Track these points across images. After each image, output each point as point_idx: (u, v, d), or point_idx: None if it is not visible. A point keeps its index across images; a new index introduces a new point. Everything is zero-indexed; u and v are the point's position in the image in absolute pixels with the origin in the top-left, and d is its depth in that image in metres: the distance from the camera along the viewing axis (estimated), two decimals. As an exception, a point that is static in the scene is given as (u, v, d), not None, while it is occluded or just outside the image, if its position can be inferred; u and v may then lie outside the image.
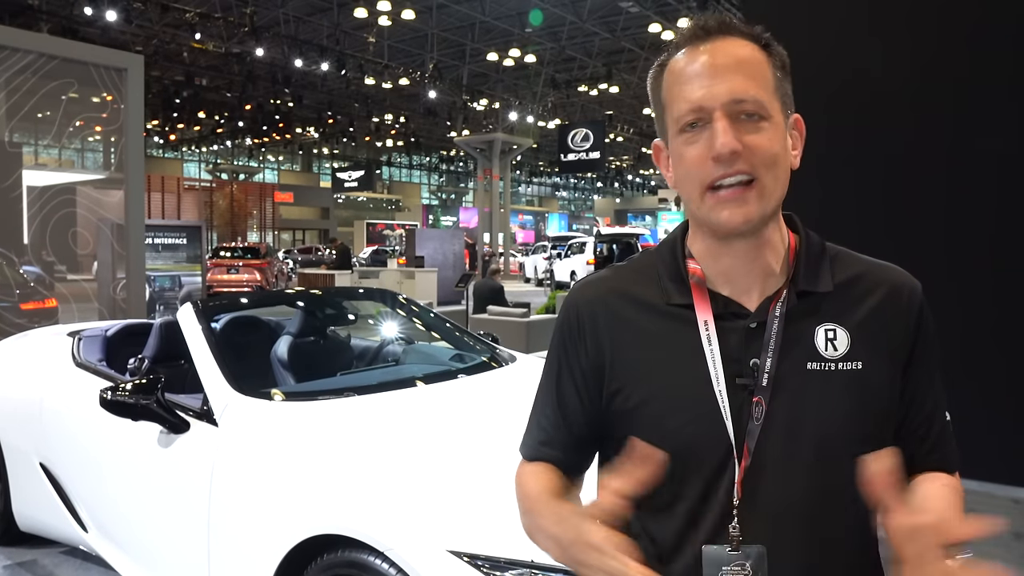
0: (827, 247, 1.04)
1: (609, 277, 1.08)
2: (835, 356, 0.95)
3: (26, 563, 3.59)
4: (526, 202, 61.62)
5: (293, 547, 2.10)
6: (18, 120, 6.86)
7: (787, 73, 0.98)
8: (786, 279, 0.99)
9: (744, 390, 0.95)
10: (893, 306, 1.00)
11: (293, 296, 4.28)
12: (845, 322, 0.97)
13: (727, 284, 1.00)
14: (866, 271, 1.02)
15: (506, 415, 2.43)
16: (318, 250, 30.61)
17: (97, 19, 18.09)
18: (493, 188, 28.10)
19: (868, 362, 0.96)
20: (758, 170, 0.92)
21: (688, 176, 0.95)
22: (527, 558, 1.82)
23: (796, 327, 0.97)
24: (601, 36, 23.94)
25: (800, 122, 1.01)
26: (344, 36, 23.09)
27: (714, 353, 0.96)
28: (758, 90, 0.92)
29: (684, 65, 0.95)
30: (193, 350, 2.84)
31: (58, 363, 3.56)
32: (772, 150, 0.93)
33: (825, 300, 0.98)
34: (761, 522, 0.92)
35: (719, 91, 0.91)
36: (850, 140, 4.69)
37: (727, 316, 0.98)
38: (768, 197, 0.94)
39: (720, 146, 0.90)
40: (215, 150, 44.79)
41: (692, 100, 0.92)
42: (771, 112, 0.93)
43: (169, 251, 12.16)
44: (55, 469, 3.35)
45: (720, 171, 0.91)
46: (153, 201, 25.30)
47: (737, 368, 0.95)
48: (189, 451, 2.57)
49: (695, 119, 0.93)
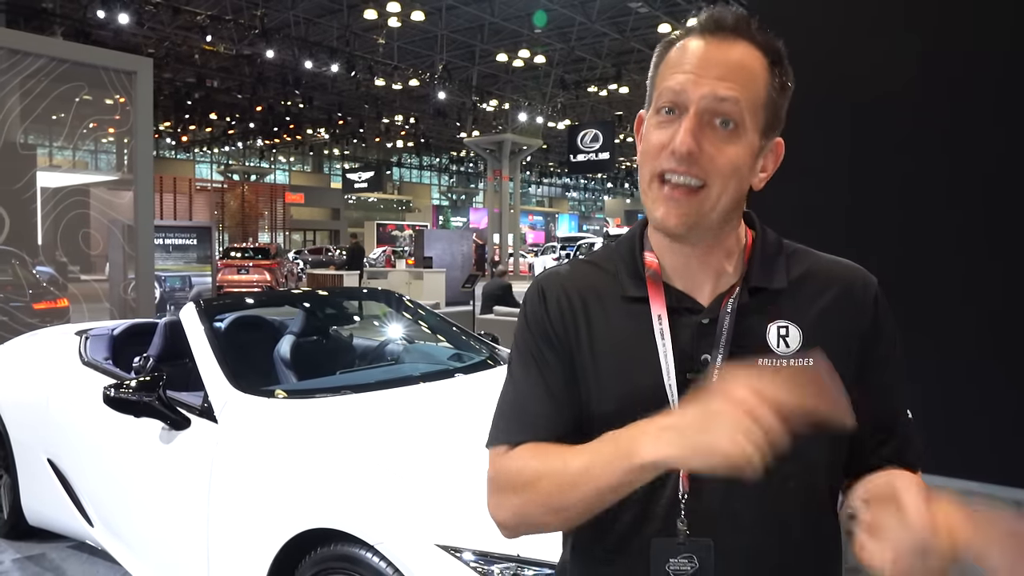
0: (784, 244, 1.04)
1: (571, 269, 1.08)
2: (787, 352, 0.95)
3: (34, 556, 3.67)
4: (536, 203, 61.62)
5: (288, 541, 2.16)
6: (32, 122, 6.97)
7: (786, 94, 0.96)
8: (739, 277, 0.99)
9: (694, 384, 0.94)
10: (847, 302, 0.99)
11: (296, 296, 4.33)
12: (798, 319, 0.97)
13: (681, 278, 1.00)
14: (821, 267, 1.02)
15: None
16: (328, 251, 30.75)
17: (110, 22, 18.26)
18: (503, 189, 28.13)
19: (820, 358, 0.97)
20: (711, 178, 0.91)
21: (646, 157, 0.95)
22: (514, 552, 1.87)
23: (748, 323, 0.97)
24: (611, 36, 23.93)
25: (780, 147, 1.00)
26: (354, 38, 23.19)
27: (666, 347, 0.96)
28: (742, 99, 0.91)
29: (686, 51, 0.94)
30: (195, 349, 2.90)
31: (65, 361, 3.64)
32: (732, 164, 0.91)
33: (779, 297, 0.98)
34: (708, 515, 0.93)
35: (703, 85, 0.90)
36: (858, 140, 4.67)
37: (680, 311, 0.98)
38: (711, 208, 0.93)
39: (679, 143, 0.90)
40: (226, 151, 45.08)
41: (674, 86, 0.92)
42: (747, 126, 0.92)
43: (180, 252, 12.26)
44: (62, 465, 3.42)
45: (672, 165, 0.91)
46: (165, 202, 25.45)
47: (688, 363, 0.96)
48: (189, 447, 2.63)
49: (672, 103, 0.92)
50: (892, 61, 4.47)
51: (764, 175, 0.99)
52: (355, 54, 22.34)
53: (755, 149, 0.94)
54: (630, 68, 26.07)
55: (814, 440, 0.84)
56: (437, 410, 2.76)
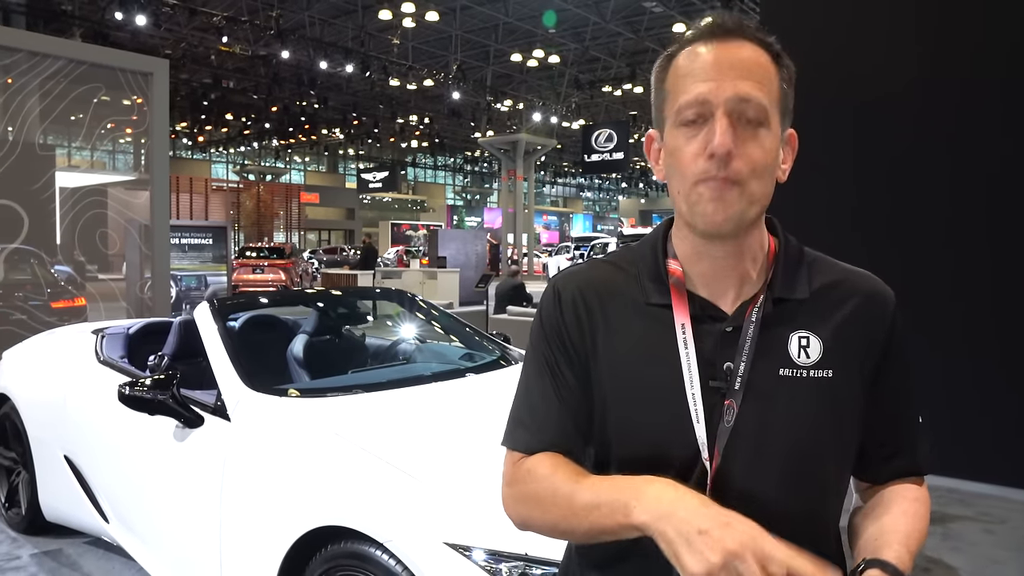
0: (805, 253, 1.05)
1: (588, 269, 1.08)
2: (807, 363, 0.97)
3: (51, 552, 3.72)
4: (551, 203, 61.60)
5: (299, 538, 2.18)
6: (51, 123, 7.06)
7: (792, 87, 0.98)
8: (763, 284, 1.00)
9: (717, 392, 0.96)
10: (867, 315, 1.01)
11: (309, 296, 4.36)
12: (819, 330, 0.99)
13: (705, 286, 1.01)
14: (842, 279, 1.03)
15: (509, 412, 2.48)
16: (343, 250, 30.88)
17: (127, 23, 18.45)
18: (517, 189, 28.15)
19: (838, 370, 0.98)
20: (750, 175, 0.93)
21: (679, 170, 0.95)
22: (522, 551, 1.88)
23: (770, 333, 0.98)
24: (625, 36, 23.90)
25: (794, 138, 1.01)
26: (369, 38, 23.29)
27: (689, 356, 0.97)
28: (763, 96, 0.92)
29: (694, 59, 0.94)
30: (208, 347, 2.93)
31: (82, 360, 3.69)
32: (765, 160, 0.93)
33: (801, 307, 1.00)
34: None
35: (726, 88, 0.91)
36: (869, 140, 4.67)
37: (704, 319, 0.99)
38: (752, 202, 0.94)
39: (718, 145, 0.90)
40: (242, 151, 45.38)
41: (697, 93, 0.92)
42: (771, 121, 0.94)
43: (195, 251, 12.37)
44: (78, 461, 3.47)
45: (712, 167, 0.92)
46: (181, 202, 25.66)
47: (711, 371, 0.97)
48: (203, 445, 2.66)
49: (697, 114, 0.93)
50: (896, 64, 4.44)
51: (785, 167, 1.00)
52: (370, 54, 22.43)
53: (778, 143, 0.97)
54: (645, 68, 25.98)
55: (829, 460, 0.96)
56: (448, 409, 2.78)
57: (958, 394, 4.43)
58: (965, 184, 4.26)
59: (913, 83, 4.33)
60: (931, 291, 4.40)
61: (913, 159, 4.40)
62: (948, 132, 4.27)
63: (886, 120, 4.45)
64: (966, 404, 4.44)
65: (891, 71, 4.43)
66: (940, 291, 4.44)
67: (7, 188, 6.64)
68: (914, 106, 4.37)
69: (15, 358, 4.19)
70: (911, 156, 4.43)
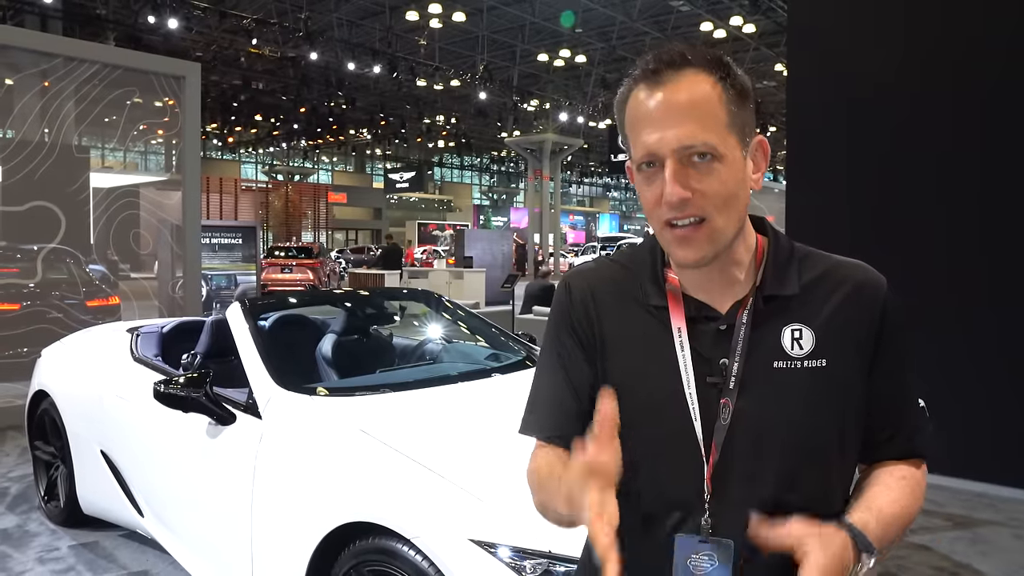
0: (796, 249, 1.08)
1: (597, 267, 1.14)
2: (801, 354, 1.00)
3: (89, 544, 3.82)
4: (577, 202, 61.47)
5: (328, 533, 2.23)
6: (86, 126, 7.22)
7: (745, 101, 0.99)
8: (753, 285, 1.04)
9: (714, 388, 1.00)
10: (858, 302, 1.03)
11: (337, 296, 4.42)
12: (811, 321, 1.01)
13: (701, 290, 1.05)
14: (831, 269, 1.06)
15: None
16: (370, 250, 31.11)
17: (160, 27, 18.77)
18: (543, 188, 28.15)
19: (833, 358, 1.00)
20: (708, 212, 0.96)
21: (647, 209, 1.00)
22: (545, 548, 1.91)
23: (763, 329, 1.01)
24: (652, 36, 23.78)
25: (764, 144, 1.03)
26: (396, 39, 23.44)
27: (686, 358, 1.02)
28: (708, 134, 0.94)
29: (638, 106, 0.98)
30: (240, 347, 3.00)
31: (117, 358, 3.78)
32: (723, 192, 0.96)
33: (792, 301, 1.03)
34: (731, 515, 0.98)
35: (669, 138, 0.94)
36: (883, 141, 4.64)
37: (699, 319, 1.04)
38: (719, 236, 0.98)
39: (668, 195, 0.94)
40: (271, 152, 45.86)
41: (646, 145, 0.96)
42: (724, 151, 0.95)
43: (225, 251, 12.52)
44: (114, 456, 3.56)
45: (672, 214, 0.96)
46: (211, 202, 26.06)
47: (707, 367, 1.01)
48: (235, 442, 2.72)
49: (649, 163, 0.97)
50: (925, 61, 4.39)
51: (757, 176, 1.03)
52: (397, 55, 22.57)
53: (740, 162, 0.98)
54: (671, 67, 25.82)
55: (828, 447, 0.99)
56: (474, 409, 2.82)
57: (990, 398, 4.38)
58: (964, 183, 4.20)
59: (949, 79, 4.28)
60: (938, 290, 4.34)
61: (909, 159, 4.36)
62: (979, 133, 4.22)
63: (927, 118, 4.39)
64: (998, 408, 4.39)
65: (929, 67, 4.38)
66: (944, 290, 4.38)
67: (46, 190, 6.81)
68: (949, 105, 4.32)
69: (54, 356, 4.31)
70: (909, 156, 4.38)
